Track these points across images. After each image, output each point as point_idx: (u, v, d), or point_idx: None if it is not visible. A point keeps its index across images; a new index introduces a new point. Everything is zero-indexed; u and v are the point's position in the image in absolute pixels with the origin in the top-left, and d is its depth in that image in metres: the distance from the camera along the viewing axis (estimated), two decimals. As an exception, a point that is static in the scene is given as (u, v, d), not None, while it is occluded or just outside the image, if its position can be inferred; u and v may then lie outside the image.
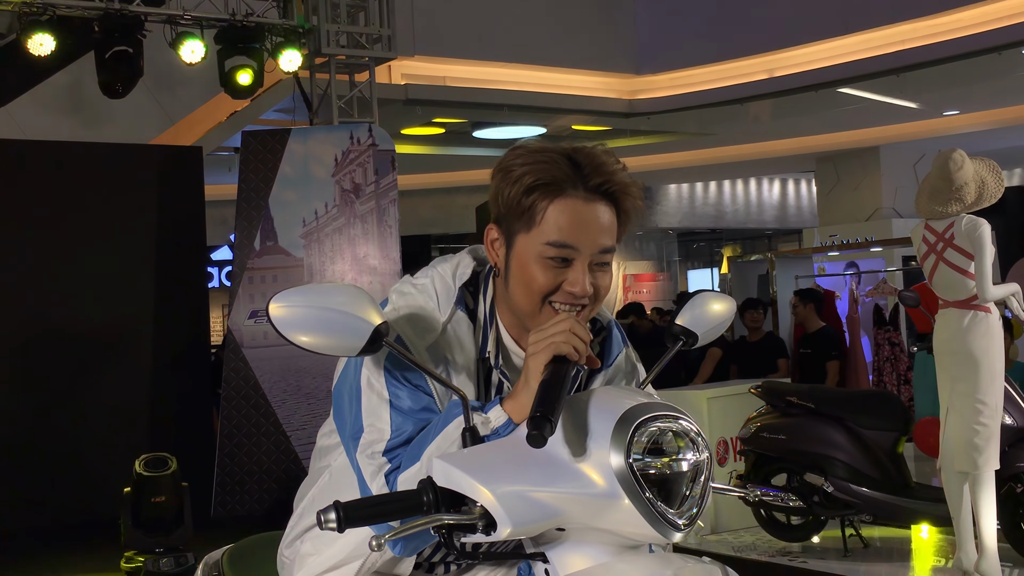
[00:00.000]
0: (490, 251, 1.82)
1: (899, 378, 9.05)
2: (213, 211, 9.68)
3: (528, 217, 1.73)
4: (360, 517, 1.47)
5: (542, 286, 1.74)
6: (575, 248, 1.72)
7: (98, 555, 6.94)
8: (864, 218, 14.22)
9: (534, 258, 1.74)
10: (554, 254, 1.73)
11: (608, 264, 1.78)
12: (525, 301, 1.76)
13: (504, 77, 11.62)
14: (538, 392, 1.56)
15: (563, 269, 1.74)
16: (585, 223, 1.73)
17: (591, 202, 1.74)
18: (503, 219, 1.78)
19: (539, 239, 1.73)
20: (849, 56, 10.81)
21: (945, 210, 4.98)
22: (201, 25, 8.06)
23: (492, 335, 1.84)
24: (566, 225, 1.72)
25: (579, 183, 1.73)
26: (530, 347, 1.66)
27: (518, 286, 1.77)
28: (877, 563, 5.75)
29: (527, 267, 1.75)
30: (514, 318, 1.82)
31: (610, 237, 1.76)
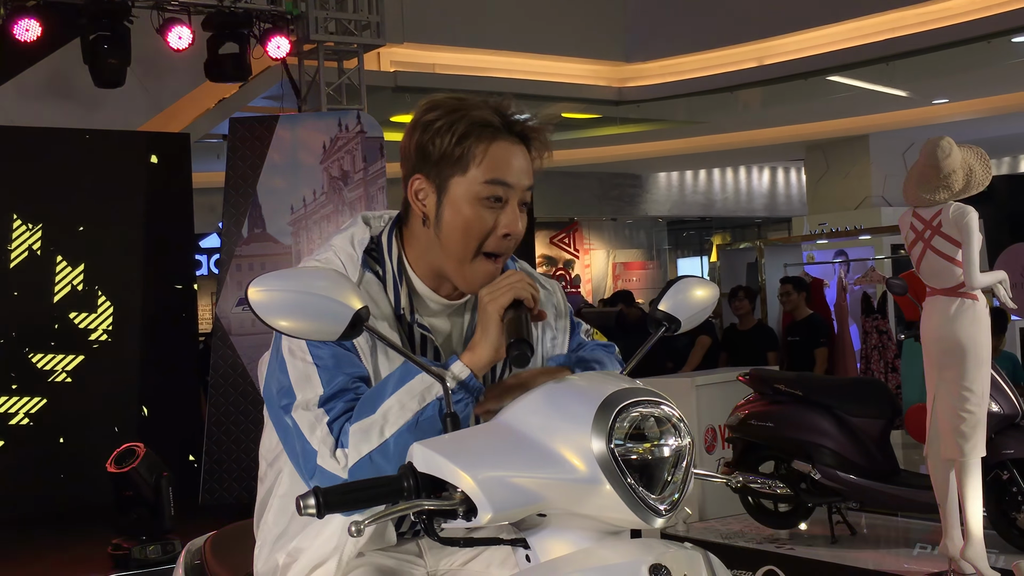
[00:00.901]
0: (415, 203, 1.89)
1: (887, 366, 9.07)
2: (201, 198, 9.64)
3: (463, 161, 1.83)
4: (339, 503, 1.46)
5: (480, 229, 1.83)
6: (510, 186, 1.84)
7: (85, 543, 6.93)
8: (853, 206, 14.24)
9: (471, 199, 1.83)
10: (490, 193, 1.83)
11: (527, 204, 1.89)
12: (459, 246, 1.84)
13: (493, 64, 11.59)
14: (506, 328, 1.70)
15: (496, 210, 1.84)
16: (515, 162, 1.86)
17: (515, 144, 1.87)
18: (432, 168, 1.85)
19: (477, 179, 1.83)
20: (839, 44, 10.80)
21: (933, 198, 4.98)
22: (189, 11, 8.01)
23: (404, 290, 1.90)
24: (500, 164, 1.83)
25: (506, 128, 1.86)
26: (485, 297, 1.76)
27: (453, 231, 1.84)
28: (864, 550, 5.77)
29: (462, 210, 1.84)
30: (430, 269, 1.90)
31: (531, 177, 1.89)
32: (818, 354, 8.71)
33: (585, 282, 20.48)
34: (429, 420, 1.69)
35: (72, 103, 8.82)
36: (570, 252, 20.38)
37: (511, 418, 1.56)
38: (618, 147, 15.92)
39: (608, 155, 16.52)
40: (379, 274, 1.91)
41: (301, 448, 1.76)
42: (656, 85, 12.38)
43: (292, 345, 1.81)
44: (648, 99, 12.52)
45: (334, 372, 1.78)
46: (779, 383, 6.10)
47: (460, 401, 1.72)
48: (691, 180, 20.01)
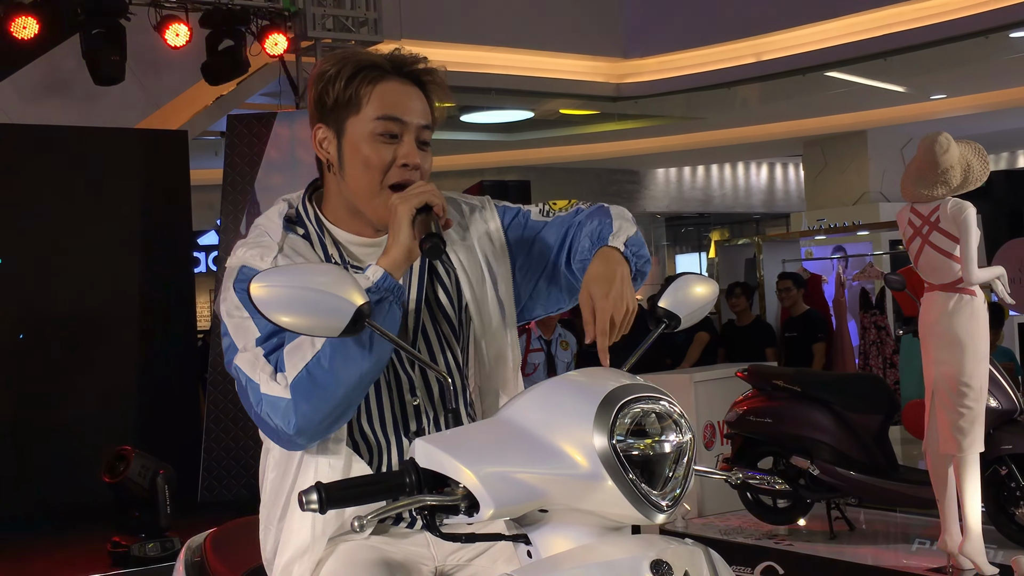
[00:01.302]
0: (320, 151, 2.00)
1: (885, 361, 9.08)
2: (199, 196, 9.64)
3: (355, 103, 1.93)
4: (341, 498, 1.46)
5: (379, 162, 1.93)
6: (402, 120, 1.93)
7: (85, 540, 6.93)
8: (851, 202, 14.24)
9: (366, 137, 1.93)
10: (383, 128, 1.92)
11: (428, 146, 1.97)
12: (364, 182, 1.94)
13: (492, 61, 11.58)
14: (417, 229, 1.80)
15: (393, 145, 1.93)
16: (406, 99, 1.95)
17: (406, 84, 1.96)
18: (330, 115, 1.96)
19: (369, 116, 1.93)
20: (837, 40, 10.80)
21: (931, 193, 4.98)
22: (186, 8, 8.01)
23: (328, 240, 1.99)
24: (391, 102, 1.93)
25: (394, 70, 1.96)
26: (395, 201, 1.84)
27: (355, 169, 1.95)
28: (863, 545, 5.78)
29: (360, 148, 1.93)
30: (346, 214, 1.99)
31: (427, 116, 1.97)
32: (816, 349, 8.73)
33: (583, 278, 20.47)
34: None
35: (69, 100, 8.81)
36: (568, 248, 20.37)
37: (513, 414, 1.56)
38: (616, 143, 15.92)
39: (606, 151, 16.52)
40: (303, 234, 1.99)
41: (249, 388, 1.81)
42: (654, 81, 12.38)
43: (228, 307, 1.89)
44: (646, 95, 12.52)
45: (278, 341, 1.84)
46: (778, 379, 6.11)
47: (382, 301, 1.78)
48: (689, 176, 20.01)
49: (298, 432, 1.78)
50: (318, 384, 1.75)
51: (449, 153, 16.03)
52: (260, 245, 1.93)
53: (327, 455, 1.89)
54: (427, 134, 1.97)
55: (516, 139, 15.47)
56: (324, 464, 1.88)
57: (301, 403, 1.76)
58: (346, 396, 1.78)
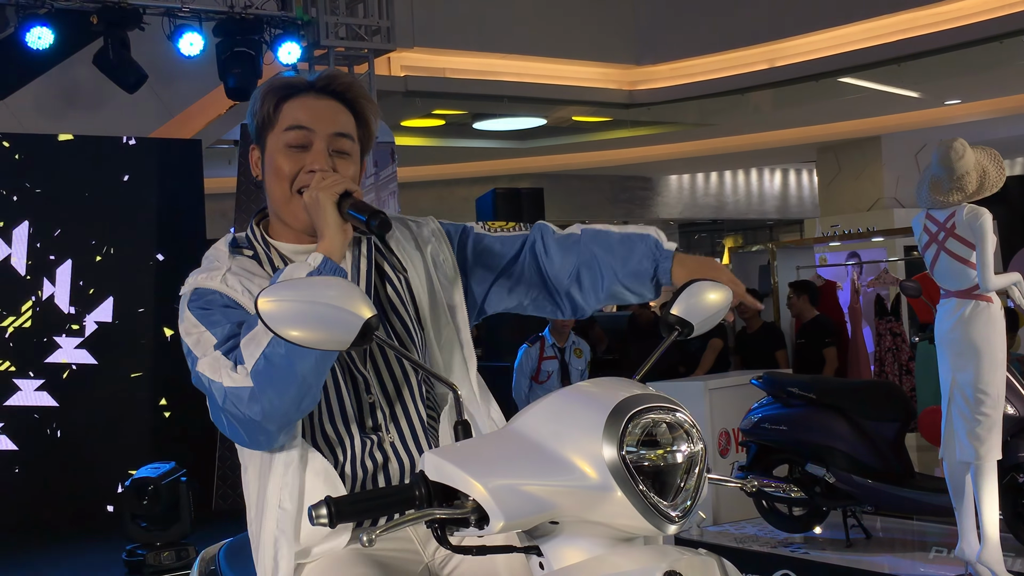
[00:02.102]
0: (255, 168, 2.11)
1: (901, 368, 9.04)
2: (212, 204, 9.65)
3: (272, 120, 2.04)
4: (351, 512, 1.46)
5: (288, 170, 2.01)
6: (309, 129, 2.02)
7: (101, 548, 6.95)
8: (866, 208, 14.19)
9: (279, 149, 2.02)
10: (292, 139, 2.01)
11: (347, 155, 2.05)
12: (277, 190, 2.03)
13: (504, 68, 11.59)
14: (353, 212, 1.88)
15: (303, 154, 2.02)
16: (317, 111, 2.03)
17: (321, 98, 2.05)
18: (258, 135, 2.08)
19: (280, 129, 2.03)
20: (850, 45, 10.77)
21: (946, 199, 4.96)
22: (200, 17, 8.04)
23: (275, 254, 2.08)
24: (300, 114, 2.03)
25: (308, 86, 2.07)
26: (313, 191, 1.92)
27: (271, 179, 2.05)
28: (879, 554, 5.74)
29: (274, 159, 2.03)
30: (285, 227, 2.08)
31: (344, 126, 2.04)
32: (827, 353, 8.72)
33: (597, 286, 20.45)
34: None
35: (84, 110, 8.86)
36: (582, 255, 20.35)
37: (522, 426, 1.55)
38: (629, 150, 15.90)
39: (619, 158, 16.50)
40: (252, 255, 2.08)
41: (212, 389, 1.86)
42: (667, 88, 12.37)
43: (186, 327, 1.98)
44: (659, 102, 12.51)
45: (222, 324, 1.92)
46: (792, 386, 6.08)
47: None
48: (702, 183, 19.98)
49: (265, 417, 1.81)
50: (277, 368, 1.78)
51: (461, 161, 16.04)
52: (209, 269, 2.04)
53: (284, 451, 1.94)
54: (344, 143, 2.05)
55: (529, 146, 15.47)
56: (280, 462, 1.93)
57: (264, 389, 1.80)
58: (305, 378, 1.80)
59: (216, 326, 1.93)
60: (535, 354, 7.60)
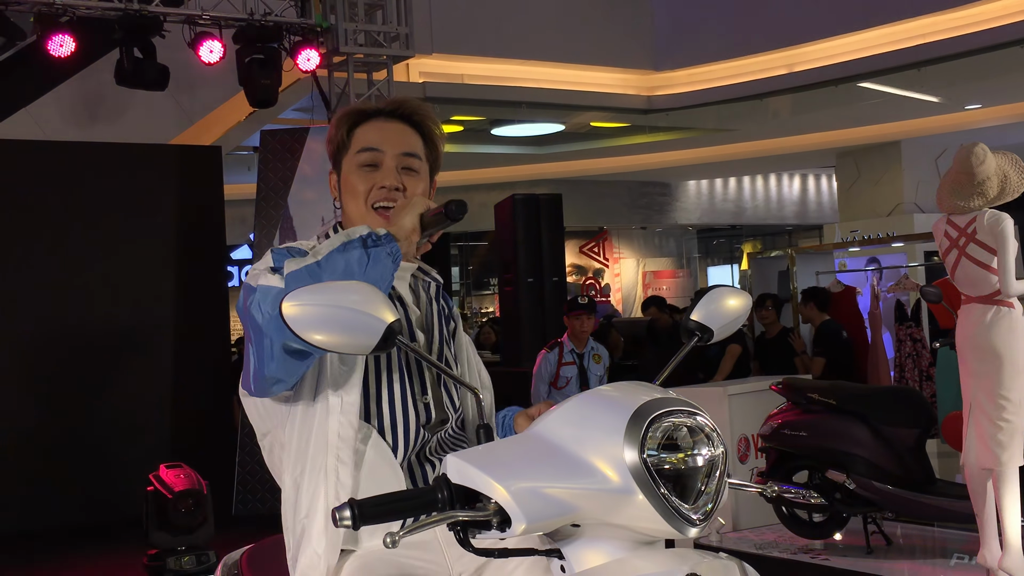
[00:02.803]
0: (333, 191, 2.25)
1: (921, 374, 8.99)
2: (232, 210, 9.72)
3: (346, 145, 2.20)
4: (374, 515, 1.47)
5: (362, 188, 2.15)
6: (379, 150, 2.16)
7: (121, 552, 6.98)
8: (885, 213, 14.14)
9: (353, 170, 2.17)
10: (364, 160, 2.16)
11: (416, 172, 2.18)
12: (353, 207, 2.16)
13: (522, 74, 11.61)
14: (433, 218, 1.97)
15: (374, 173, 2.16)
16: (386, 133, 2.18)
17: (390, 122, 2.20)
18: (335, 160, 2.23)
19: (353, 152, 2.18)
20: (870, 50, 10.75)
21: (967, 205, 4.93)
22: (219, 25, 8.08)
23: None
24: (370, 136, 2.18)
25: (378, 111, 2.22)
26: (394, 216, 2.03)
27: (347, 199, 2.18)
28: (900, 560, 5.72)
29: (349, 179, 2.18)
30: None
31: (412, 147, 2.19)
32: (814, 362, 8.78)
33: (615, 291, 20.46)
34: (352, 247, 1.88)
35: (105, 117, 8.92)
36: (600, 261, 20.36)
37: (543, 429, 1.56)
38: (647, 155, 15.90)
39: (637, 164, 16.51)
40: None
41: (245, 293, 1.90)
42: (685, 93, 12.36)
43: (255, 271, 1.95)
44: (677, 107, 12.51)
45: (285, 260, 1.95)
46: (812, 392, 6.05)
47: (380, 247, 1.89)
48: (721, 188, 19.95)
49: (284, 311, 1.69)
50: (313, 279, 1.82)
51: (480, 167, 16.07)
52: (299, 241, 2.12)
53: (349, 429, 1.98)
54: (412, 162, 2.19)
55: (547, 152, 15.49)
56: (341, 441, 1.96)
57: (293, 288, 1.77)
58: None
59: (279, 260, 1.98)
60: (554, 359, 7.60)
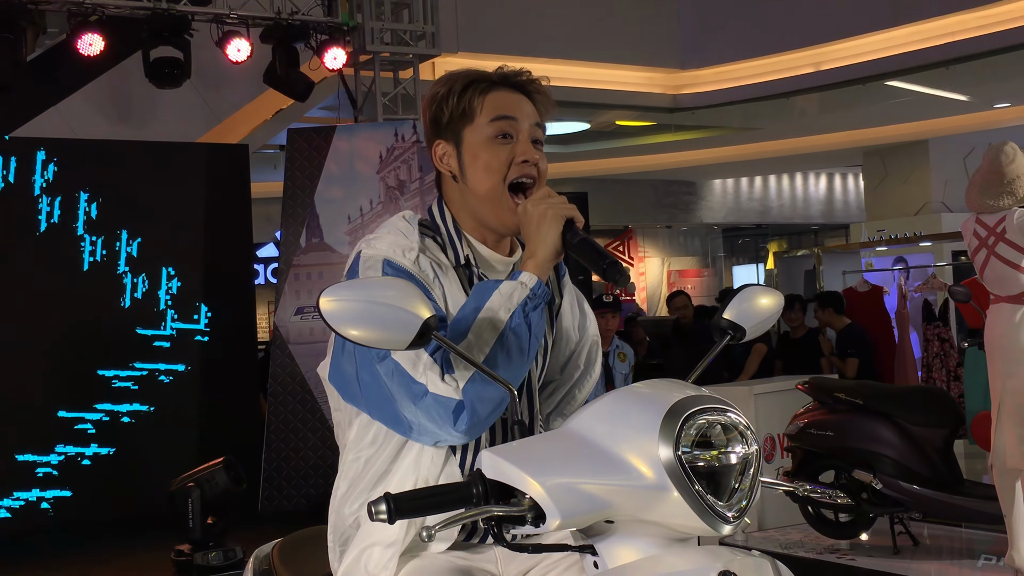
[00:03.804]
0: (441, 165, 2.08)
1: (949, 374, 8.95)
2: (259, 208, 9.76)
3: (469, 114, 2.03)
4: (410, 509, 1.48)
5: (498, 163, 2.00)
6: (514, 118, 2.03)
7: (150, 549, 7.03)
8: (913, 212, 14.06)
9: (483, 142, 2.02)
10: (498, 129, 2.01)
11: (541, 145, 2.06)
12: (487, 185, 2.01)
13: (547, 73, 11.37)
14: (587, 248, 1.86)
15: (509, 144, 2.01)
16: (516, 102, 2.05)
17: (514, 93, 2.07)
18: (447, 130, 2.06)
19: (484, 122, 2.02)
20: (898, 49, 10.68)
21: (996, 204, 4.91)
22: (247, 24, 8.13)
23: (464, 246, 2.04)
24: (502, 104, 2.03)
25: (502, 81, 2.07)
26: (533, 208, 1.90)
27: (477, 174, 2.02)
28: (927, 561, 5.69)
29: (480, 154, 2.02)
30: (475, 224, 2.05)
31: (538, 118, 2.07)
32: (849, 363, 8.74)
33: (640, 290, 20.42)
34: (518, 326, 1.83)
35: (133, 115, 8.98)
36: (625, 260, 20.34)
37: (578, 426, 1.57)
38: (673, 154, 15.86)
39: (663, 162, 16.47)
40: (436, 239, 2.04)
41: (405, 388, 1.83)
42: (711, 92, 12.33)
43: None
44: (703, 106, 12.47)
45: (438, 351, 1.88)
46: (839, 392, 6.03)
47: (538, 307, 1.85)
48: (747, 187, 19.88)
49: (467, 431, 1.83)
50: (484, 387, 1.81)
51: (505, 165, 16.05)
52: (399, 244, 1.98)
53: None
54: (540, 133, 2.07)
55: (572, 151, 15.48)
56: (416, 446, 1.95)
57: (473, 405, 1.81)
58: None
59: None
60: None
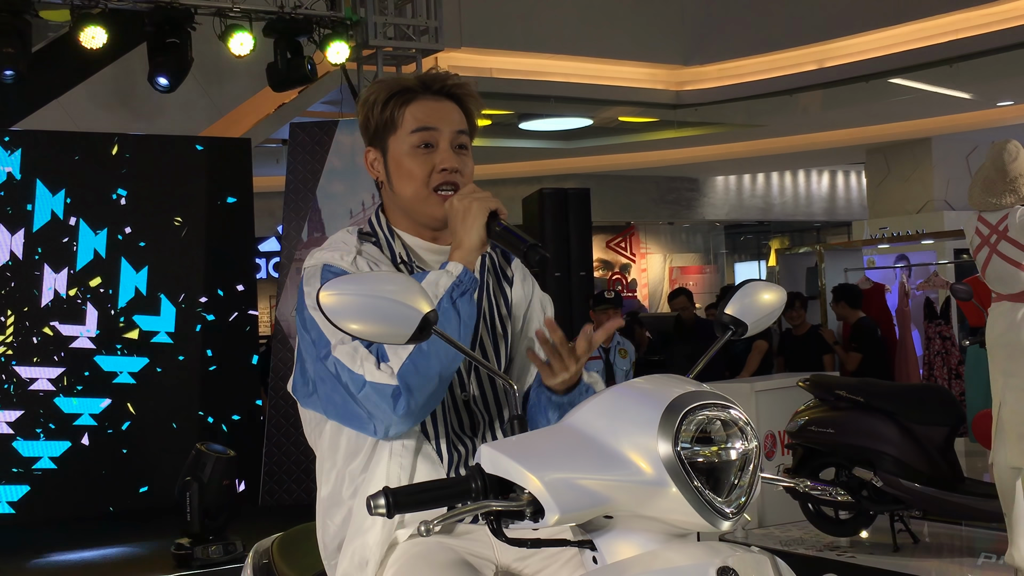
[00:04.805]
0: (372, 171, 2.18)
1: (950, 372, 8.95)
2: (260, 203, 9.75)
3: (392, 123, 2.11)
4: (408, 503, 1.48)
5: (421, 172, 2.08)
6: (435, 128, 2.09)
7: (151, 542, 7.04)
8: (915, 210, 14.05)
9: (406, 151, 2.10)
10: (419, 140, 2.09)
11: (467, 150, 2.13)
12: (412, 191, 2.10)
13: (550, 69, 11.60)
14: (508, 235, 1.94)
15: (431, 153, 2.09)
16: (437, 111, 2.11)
17: (439, 100, 2.12)
18: (375, 137, 2.15)
19: (406, 132, 2.10)
20: (901, 46, 10.67)
21: (999, 202, 4.90)
22: (250, 17, 8.12)
23: (397, 243, 2.14)
24: (422, 115, 2.10)
25: (424, 89, 2.13)
26: (459, 203, 1.97)
27: (402, 181, 2.11)
28: (927, 559, 5.69)
29: (403, 162, 2.10)
30: (410, 221, 2.14)
31: (461, 123, 2.13)
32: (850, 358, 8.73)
33: (641, 286, 20.42)
34: (445, 311, 1.89)
35: (135, 108, 8.98)
36: (626, 256, 20.33)
37: (577, 421, 1.57)
38: (675, 151, 15.85)
39: (665, 159, 16.45)
40: (374, 242, 2.14)
41: (348, 380, 1.91)
42: (714, 88, 12.31)
43: (313, 301, 1.98)
44: (706, 102, 12.46)
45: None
46: (840, 389, 6.03)
47: (465, 293, 1.91)
48: (749, 184, 19.86)
49: (407, 413, 1.89)
50: (421, 371, 1.87)
51: (508, 161, 16.06)
52: (337, 249, 2.07)
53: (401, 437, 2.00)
54: (464, 139, 2.13)
55: (575, 147, 15.46)
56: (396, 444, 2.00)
57: (409, 388, 1.88)
58: (442, 378, 1.90)
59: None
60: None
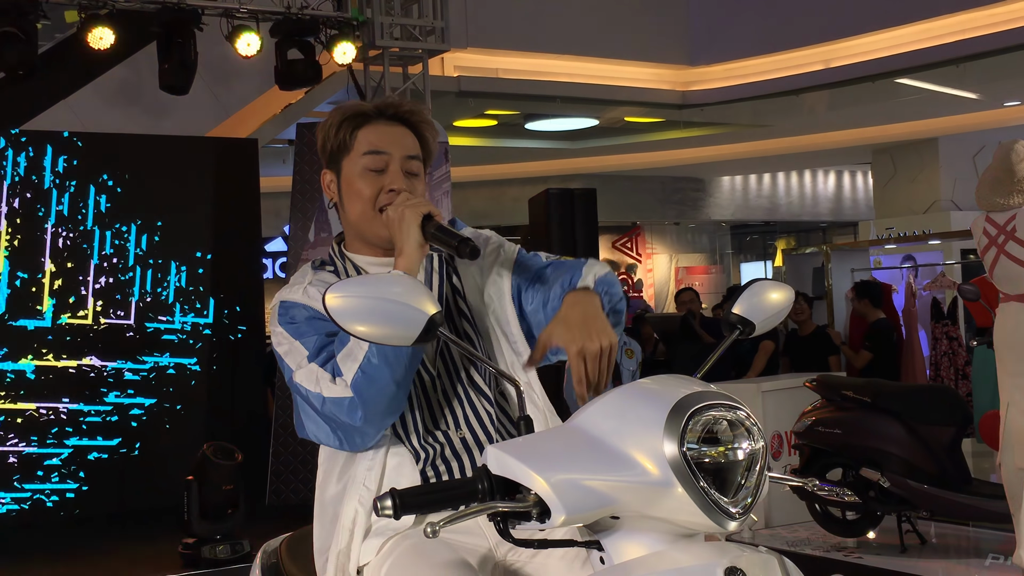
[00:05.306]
0: (328, 192, 2.25)
1: (957, 373, 8.93)
2: (267, 203, 9.75)
3: (346, 146, 2.18)
4: (415, 504, 1.49)
5: (369, 192, 2.15)
6: (386, 152, 2.16)
7: (158, 542, 7.04)
8: (922, 211, 14.03)
9: (357, 173, 2.17)
10: (370, 163, 2.16)
11: (417, 175, 2.20)
12: (360, 212, 2.17)
13: (556, 69, 11.60)
14: (440, 234, 2.00)
15: (381, 176, 2.16)
16: (389, 135, 2.18)
17: (391, 125, 2.20)
18: (331, 160, 2.22)
19: (358, 155, 2.17)
20: (908, 46, 10.65)
21: (1007, 202, 4.89)
22: (257, 18, 8.12)
23: (349, 266, 2.21)
24: (375, 139, 2.17)
25: (377, 114, 2.20)
26: (393, 212, 2.05)
27: (351, 201, 2.18)
28: (934, 559, 5.68)
29: (354, 183, 2.17)
30: (361, 242, 2.22)
31: (413, 149, 2.20)
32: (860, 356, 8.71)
33: (647, 286, 20.40)
34: None
35: (143, 109, 8.99)
36: (632, 256, 20.31)
37: (583, 421, 1.57)
38: (681, 151, 15.85)
39: (671, 159, 16.45)
40: (332, 270, 2.22)
41: (313, 400, 1.99)
42: (720, 88, 12.30)
43: (277, 339, 2.10)
44: (712, 103, 12.45)
45: (310, 335, 2.05)
46: (847, 389, 6.02)
47: None
48: (755, 184, 19.84)
49: (366, 422, 1.96)
50: (373, 378, 1.92)
51: (514, 161, 16.07)
52: (292, 284, 2.17)
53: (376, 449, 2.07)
54: (414, 164, 2.20)
55: (581, 147, 15.47)
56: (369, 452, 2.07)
57: (364, 398, 1.94)
58: (398, 383, 1.95)
59: (304, 336, 2.06)
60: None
